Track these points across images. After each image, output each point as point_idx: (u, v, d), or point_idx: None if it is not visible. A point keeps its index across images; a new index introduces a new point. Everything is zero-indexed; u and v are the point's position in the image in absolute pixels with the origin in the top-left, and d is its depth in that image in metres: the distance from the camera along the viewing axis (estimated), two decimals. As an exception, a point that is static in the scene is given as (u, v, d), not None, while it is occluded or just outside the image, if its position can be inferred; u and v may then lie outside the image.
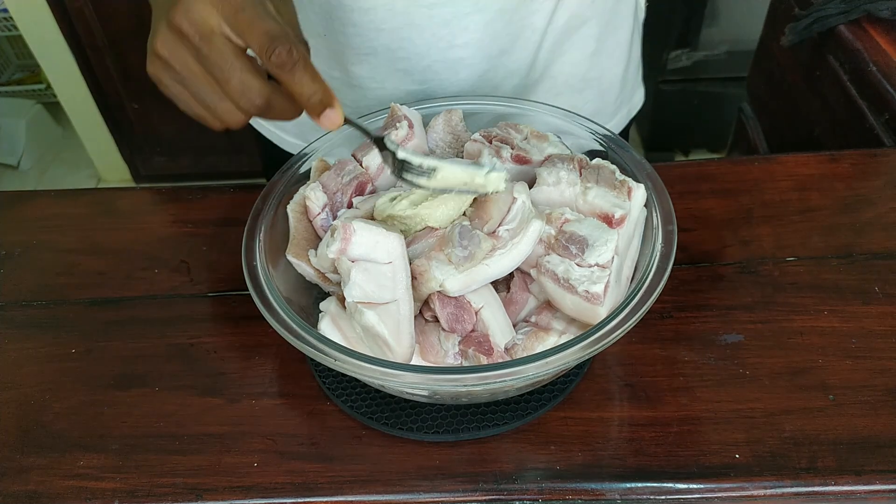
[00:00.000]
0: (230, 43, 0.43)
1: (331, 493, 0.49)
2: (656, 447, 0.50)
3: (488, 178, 0.50)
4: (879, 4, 0.98)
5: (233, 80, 0.43)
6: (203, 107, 0.44)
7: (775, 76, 1.28)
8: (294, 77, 0.43)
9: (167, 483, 0.50)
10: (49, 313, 0.64)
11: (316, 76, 0.44)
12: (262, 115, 0.45)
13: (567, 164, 0.53)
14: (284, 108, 0.45)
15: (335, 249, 0.47)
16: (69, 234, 0.72)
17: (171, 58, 0.43)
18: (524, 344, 0.48)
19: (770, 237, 0.64)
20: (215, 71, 0.42)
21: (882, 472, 0.47)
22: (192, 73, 0.43)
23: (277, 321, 0.47)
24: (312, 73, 0.44)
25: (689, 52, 1.85)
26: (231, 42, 0.43)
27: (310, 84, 0.44)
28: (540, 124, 0.61)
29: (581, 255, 0.48)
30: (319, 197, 0.55)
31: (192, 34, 0.42)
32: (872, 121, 0.92)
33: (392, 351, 0.46)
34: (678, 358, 0.55)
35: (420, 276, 0.48)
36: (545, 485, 0.49)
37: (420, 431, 0.52)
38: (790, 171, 0.71)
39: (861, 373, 0.53)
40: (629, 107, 0.82)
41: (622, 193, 0.51)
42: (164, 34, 0.43)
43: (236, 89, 0.43)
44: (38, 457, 0.52)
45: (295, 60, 0.42)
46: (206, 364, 0.58)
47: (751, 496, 0.48)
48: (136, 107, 2.00)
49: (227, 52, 0.42)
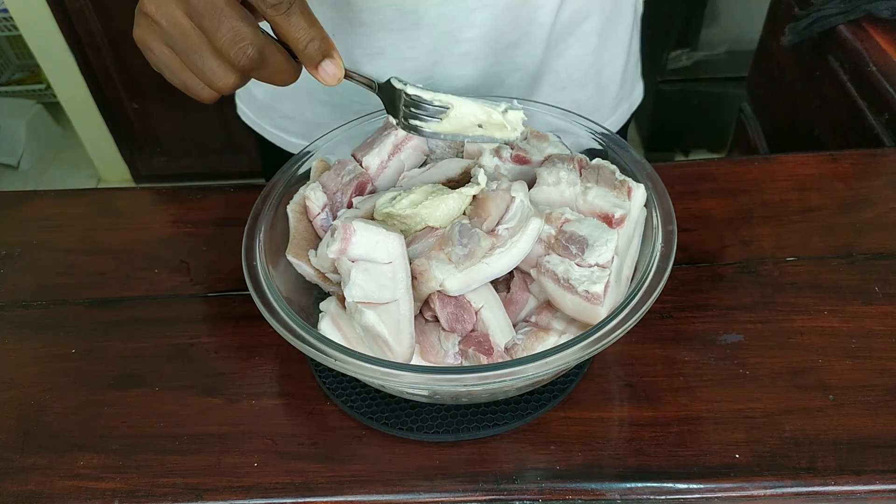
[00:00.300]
0: None
1: (331, 493, 0.49)
2: (656, 447, 0.50)
3: (506, 116, 0.48)
4: (879, 4, 0.98)
5: (222, 28, 0.40)
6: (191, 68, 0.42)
7: (775, 76, 1.28)
8: (290, 20, 0.41)
9: (167, 483, 0.50)
10: (49, 313, 0.64)
11: (313, 21, 0.42)
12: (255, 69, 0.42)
13: (567, 164, 0.53)
14: (279, 63, 0.43)
15: (335, 249, 0.47)
16: (69, 234, 0.72)
17: (157, 13, 0.41)
18: (524, 344, 0.48)
19: (770, 237, 0.64)
20: (204, 21, 0.40)
21: (882, 472, 0.47)
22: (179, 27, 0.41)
23: (277, 321, 0.47)
24: (309, 16, 0.42)
25: (689, 52, 1.85)
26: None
27: (306, 29, 0.42)
28: (540, 124, 0.61)
29: (581, 255, 0.48)
30: (319, 197, 0.55)
31: None
32: (872, 121, 0.92)
33: (392, 351, 0.46)
34: (678, 358, 0.55)
35: (420, 276, 0.48)
36: (545, 485, 0.49)
37: (420, 431, 0.52)
38: (790, 171, 0.71)
39: (861, 373, 0.53)
40: (630, 102, 0.82)
41: (622, 193, 0.51)
42: None
43: (227, 38, 0.40)
44: (38, 457, 0.52)
45: (290, 2, 0.40)
46: (206, 364, 0.58)
47: (751, 496, 0.48)
48: (136, 107, 2.00)
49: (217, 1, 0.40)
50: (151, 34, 0.42)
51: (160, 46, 0.42)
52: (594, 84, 0.75)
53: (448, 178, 0.57)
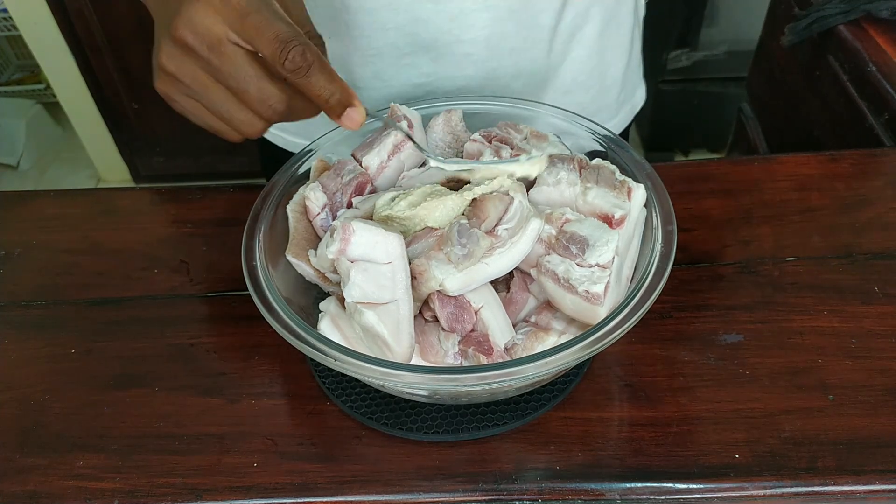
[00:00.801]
0: (240, 49, 0.40)
1: (331, 493, 0.49)
2: (656, 447, 0.50)
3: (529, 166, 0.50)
4: (879, 4, 0.98)
5: (250, 90, 0.41)
6: (219, 119, 0.42)
7: (775, 76, 1.28)
8: (311, 80, 0.41)
9: (167, 483, 0.50)
10: (49, 313, 0.64)
11: (332, 75, 0.42)
12: (283, 120, 0.43)
13: (567, 165, 0.53)
14: (305, 108, 0.43)
15: (334, 250, 0.47)
16: (69, 234, 0.72)
17: (179, 72, 0.41)
18: (524, 344, 0.48)
19: (770, 237, 0.64)
20: (230, 81, 0.41)
21: (882, 472, 0.47)
22: (203, 85, 0.41)
23: (277, 321, 0.47)
24: (329, 72, 0.42)
25: (689, 52, 1.85)
26: (241, 48, 0.40)
27: (327, 86, 0.42)
28: (541, 125, 0.61)
29: (581, 256, 0.48)
30: (319, 197, 0.55)
31: (198, 45, 0.40)
32: (872, 121, 0.92)
33: (391, 351, 0.46)
34: (678, 358, 0.55)
35: (420, 276, 0.48)
36: (545, 485, 0.49)
37: (420, 431, 0.52)
38: (790, 171, 0.71)
39: (861, 373, 0.53)
40: (631, 104, 0.82)
41: (622, 194, 0.51)
42: (168, 48, 0.41)
43: (255, 98, 0.41)
44: (37, 457, 0.52)
45: (309, 63, 0.40)
46: (206, 364, 0.58)
47: (751, 496, 0.48)
48: (136, 107, 2.00)
49: (239, 60, 0.40)
50: (174, 89, 0.42)
51: (185, 99, 0.42)
52: (597, 87, 0.75)
53: (448, 178, 0.57)
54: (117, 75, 1.92)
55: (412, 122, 0.59)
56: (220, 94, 0.41)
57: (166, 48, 0.41)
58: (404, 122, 0.58)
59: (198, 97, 0.42)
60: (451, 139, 0.62)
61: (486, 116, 0.64)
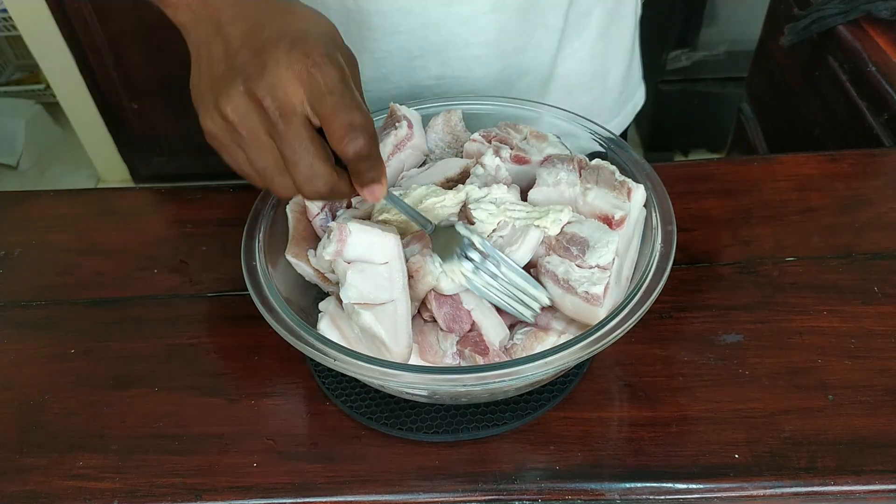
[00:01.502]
0: (308, 124, 0.40)
1: (331, 493, 0.49)
2: (656, 447, 0.50)
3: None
4: (879, 5, 0.98)
5: (302, 164, 0.41)
6: (258, 174, 0.42)
7: (775, 76, 1.28)
8: (364, 166, 0.42)
9: (167, 483, 0.50)
10: (48, 313, 0.64)
11: (380, 159, 0.43)
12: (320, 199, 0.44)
13: (567, 165, 0.53)
14: (345, 192, 0.44)
15: (331, 251, 0.47)
16: (68, 234, 0.72)
17: (240, 125, 0.40)
18: (523, 344, 0.48)
19: (770, 237, 0.64)
20: (286, 150, 0.40)
21: (882, 472, 0.47)
22: (259, 144, 0.41)
23: (277, 321, 0.47)
24: (378, 156, 0.42)
25: (689, 52, 1.85)
26: (309, 123, 0.40)
27: (374, 169, 0.42)
28: (541, 125, 0.61)
29: (582, 257, 0.48)
30: (319, 197, 0.55)
31: (272, 109, 0.39)
32: (872, 121, 0.92)
33: (389, 351, 0.46)
34: (678, 358, 0.55)
35: (416, 273, 0.48)
36: (545, 485, 0.49)
37: (420, 431, 0.52)
38: (790, 171, 0.71)
39: (861, 373, 0.53)
40: (633, 103, 0.83)
41: (622, 194, 0.51)
42: (239, 100, 0.40)
43: (304, 174, 0.41)
44: (37, 457, 0.52)
45: (370, 152, 0.41)
46: (206, 364, 0.58)
47: (750, 496, 0.48)
48: (136, 107, 2.00)
49: (304, 134, 0.40)
50: (226, 135, 0.41)
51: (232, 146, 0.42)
52: (599, 87, 0.75)
53: (447, 177, 0.57)
54: (117, 75, 1.92)
55: (412, 122, 0.59)
56: (271, 158, 0.41)
57: (236, 99, 0.40)
58: (404, 122, 0.58)
59: (247, 151, 0.41)
60: (451, 139, 0.62)
61: (486, 116, 0.64)
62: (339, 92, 0.40)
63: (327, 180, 0.41)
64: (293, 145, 0.40)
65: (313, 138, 0.41)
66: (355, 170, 0.42)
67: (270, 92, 0.39)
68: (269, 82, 0.39)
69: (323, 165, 0.41)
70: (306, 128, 0.40)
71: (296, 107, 0.40)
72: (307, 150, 0.40)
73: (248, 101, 0.40)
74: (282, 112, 0.39)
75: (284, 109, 0.39)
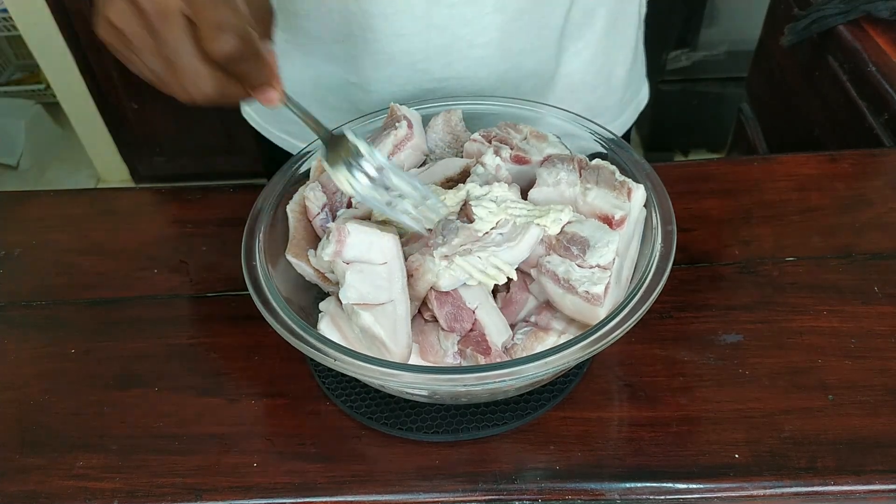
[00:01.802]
0: (188, 24, 0.40)
1: (331, 493, 0.49)
2: (656, 447, 0.50)
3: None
4: (879, 5, 0.98)
5: (181, 64, 0.41)
6: (155, 77, 0.43)
7: (775, 76, 1.28)
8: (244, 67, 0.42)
9: (167, 483, 0.50)
10: (48, 313, 0.64)
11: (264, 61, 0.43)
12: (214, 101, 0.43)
13: (567, 165, 0.53)
14: (237, 93, 0.44)
15: (330, 252, 0.47)
16: (69, 234, 0.72)
17: (124, 28, 0.41)
18: (524, 344, 0.48)
19: (770, 237, 0.64)
20: (167, 51, 0.40)
21: (882, 472, 0.47)
22: (143, 47, 0.41)
23: (277, 321, 0.47)
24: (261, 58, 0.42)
25: (689, 52, 1.85)
26: (189, 22, 0.40)
27: (258, 71, 0.43)
28: (541, 125, 0.61)
29: (582, 257, 0.48)
30: (318, 197, 0.55)
31: (149, 9, 0.40)
32: (872, 121, 0.92)
33: (389, 352, 0.46)
34: (678, 358, 0.55)
35: (416, 273, 0.48)
36: (545, 485, 0.49)
37: (420, 431, 0.52)
38: (790, 171, 0.71)
39: (861, 373, 0.53)
40: (636, 102, 0.83)
41: (622, 194, 0.51)
42: (119, 4, 0.40)
43: (187, 76, 0.41)
44: (37, 457, 0.52)
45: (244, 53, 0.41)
46: (206, 364, 0.58)
47: (750, 496, 0.48)
48: (136, 107, 2.00)
49: (179, 33, 0.40)
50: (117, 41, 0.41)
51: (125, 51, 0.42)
52: (604, 86, 0.75)
53: (447, 177, 0.57)
54: (117, 75, 1.92)
55: (412, 122, 0.59)
56: (157, 59, 0.41)
57: (117, 3, 0.40)
58: (404, 122, 0.58)
59: (139, 55, 0.42)
60: (451, 139, 0.62)
61: (487, 116, 0.64)
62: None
63: (212, 82, 0.41)
64: (170, 45, 0.40)
65: (192, 39, 0.40)
66: (237, 73, 0.42)
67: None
68: None
69: (202, 65, 0.41)
70: (182, 28, 0.40)
71: (170, 6, 0.40)
72: (185, 50, 0.40)
73: (127, 4, 0.40)
74: (158, 12, 0.40)
75: (160, 10, 0.40)
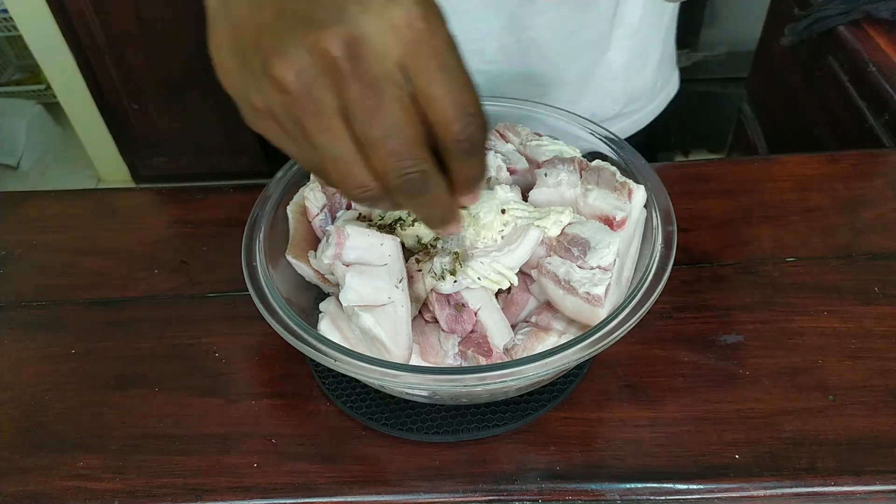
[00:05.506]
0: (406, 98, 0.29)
1: (331, 494, 0.49)
2: (656, 447, 0.50)
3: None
4: (879, 5, 0.98)
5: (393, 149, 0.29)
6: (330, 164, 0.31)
7: (775, 77, 1.28)
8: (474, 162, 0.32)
9: (167, 483, 0.50)
10: (49, 313, 0.64)
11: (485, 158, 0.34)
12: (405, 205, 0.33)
13: (567, 166, 0.53)
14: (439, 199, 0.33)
15: (330, 254, 0.47)
16: (69, 235, 0.72)
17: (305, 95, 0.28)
18: (524, 344, 0.48)
19: (770, 237, 0.64)
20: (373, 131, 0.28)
21: (882, 473, 0.47)
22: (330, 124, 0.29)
23: (277, 321, 0.47)
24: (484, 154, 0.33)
25: (689, 52, 1.85)
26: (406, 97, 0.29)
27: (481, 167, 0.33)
28: (542, 126, 0.61)
29: (583, 258, 0.48)
30: (318, 198, 0.55)
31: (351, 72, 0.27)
32: (872, 121, 0.92)
33: (390, 353, 0.46)
34: (678, 358, 0.55)
35: (416, 274, 0.48)
36: (545, 485, 0.49)
37: (420, 432, 0.51)
38: (790, 171, 0.71)
39: (861, 373, 0.53)
40: (668, 90, 0.83)
41: (623, 195, 0.51)
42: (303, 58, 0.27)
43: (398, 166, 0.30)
44: (37, 457, 0.52)
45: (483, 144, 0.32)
46: (206, 364, 0.58)
47: (751, 496, 0.48)
48: (136, 107, 2.00)
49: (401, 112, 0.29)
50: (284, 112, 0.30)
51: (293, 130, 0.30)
52: (641, 73, 0.76)
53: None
54: (117, 75, 1.92)
55: None
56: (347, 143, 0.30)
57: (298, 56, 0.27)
58: None
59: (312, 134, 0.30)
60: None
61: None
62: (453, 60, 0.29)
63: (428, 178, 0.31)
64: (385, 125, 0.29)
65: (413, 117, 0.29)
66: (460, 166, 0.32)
67: (352, 47, 0.27)
68: (351, 33, 0.27)
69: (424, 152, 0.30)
70: (404, 102, 0.29)
71: (389, 71, 0.28)
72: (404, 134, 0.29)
73: (317, 59, 0.27)
74: (369, 77, 0.28)
75: (373, 73, 0.28)
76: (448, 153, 0.32)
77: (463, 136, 0.30)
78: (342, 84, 0.28)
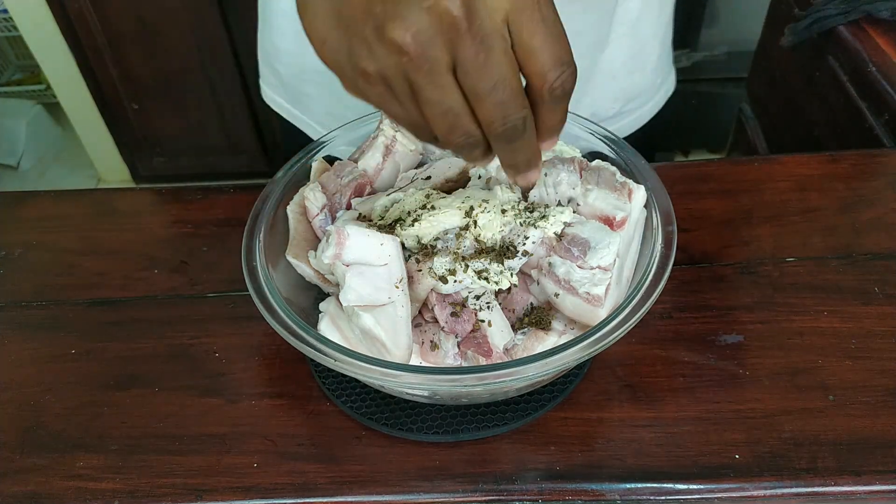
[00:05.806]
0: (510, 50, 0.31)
1: (331, 494, 0.49)
2: (656, 447, 0.50)
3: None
4: (879, 5, 0.98)
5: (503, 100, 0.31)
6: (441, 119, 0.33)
7: (775, 77, 1.28)
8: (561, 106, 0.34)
9: (167, 483, 0.50)
10: (48, 314, 0.64)
11: None
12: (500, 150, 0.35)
13: (567, 166, 0.53)
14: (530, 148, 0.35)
15: (330, 255, 0.47)
16: (69, 235, 0.72)
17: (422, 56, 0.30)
18: (524, 344, 0.48)
19: (770, 237, 0.64)
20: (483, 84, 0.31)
21: (882, 473, 0.47)
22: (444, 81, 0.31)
23: (277, 321, 0.47)
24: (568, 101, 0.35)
25: (689, 52, 1.85)
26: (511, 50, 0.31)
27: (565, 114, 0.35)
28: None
29: (583, 258, 0.48)
30: (318, 198, 0.55)
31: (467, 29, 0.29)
32: (872, 121, 0.92)
33: (390, 353, 0.46)
34: (678, 358, 0.55)
35: (416, 274, 0.48)
36: (545, 485, 0.49)
37: (420, 432, 0.51)
38: (790, 171, 0.71)
39: (861, 373, 0.53)
40: (666, 87, 0.83)
41: (623, 195, 0.51)
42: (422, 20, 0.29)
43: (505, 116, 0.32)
44: (37, 457, 0.52)
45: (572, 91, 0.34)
46: (206, 364, 0.58)
47: (751, 496, 0.48)
48: (136, 107, 2.00)
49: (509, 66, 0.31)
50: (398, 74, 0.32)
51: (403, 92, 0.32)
52: (640, 71, 0.75)
53: (447, 178, 0.57)
54: (117, 76, 1.92)
55: None
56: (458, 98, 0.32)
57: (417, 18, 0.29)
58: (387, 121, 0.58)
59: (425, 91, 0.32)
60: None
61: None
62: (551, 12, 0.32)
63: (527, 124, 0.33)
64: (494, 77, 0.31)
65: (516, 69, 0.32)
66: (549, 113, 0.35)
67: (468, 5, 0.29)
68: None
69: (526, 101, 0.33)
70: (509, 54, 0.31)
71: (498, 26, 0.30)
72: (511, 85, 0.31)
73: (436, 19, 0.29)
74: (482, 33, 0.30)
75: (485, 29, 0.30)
76: (540, 100, 0.34)
77: (557, 84, 0.33)
78: (457, 41, 0.30)
